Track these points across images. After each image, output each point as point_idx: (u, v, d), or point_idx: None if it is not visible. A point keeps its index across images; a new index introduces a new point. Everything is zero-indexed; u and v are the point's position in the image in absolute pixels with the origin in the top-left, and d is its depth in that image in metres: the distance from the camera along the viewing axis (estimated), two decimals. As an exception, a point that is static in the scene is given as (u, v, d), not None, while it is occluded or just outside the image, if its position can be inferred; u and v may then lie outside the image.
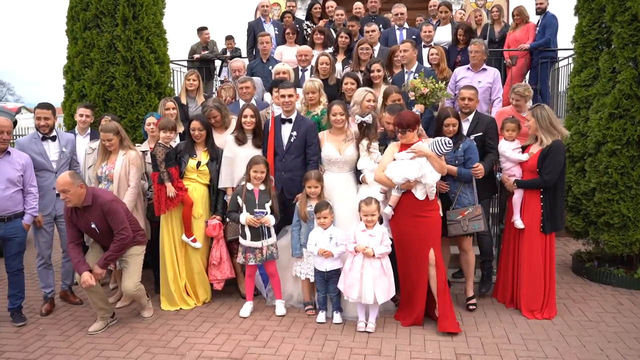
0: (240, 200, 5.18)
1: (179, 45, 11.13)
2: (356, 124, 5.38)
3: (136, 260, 5.16)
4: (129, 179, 5.50)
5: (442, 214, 5.00)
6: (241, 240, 5.23)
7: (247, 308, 5.36)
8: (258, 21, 9.29)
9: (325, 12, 10.14)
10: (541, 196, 5.23)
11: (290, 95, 5.54)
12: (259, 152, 5.65)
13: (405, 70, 6.77)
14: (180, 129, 6.19)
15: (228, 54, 10.52)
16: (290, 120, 5.63)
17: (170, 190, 5.35)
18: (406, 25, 8.73)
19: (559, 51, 9.31)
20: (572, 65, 8.30)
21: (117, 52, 6.85)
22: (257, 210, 5.08)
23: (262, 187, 5.22)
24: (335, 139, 5.47)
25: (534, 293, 5.28)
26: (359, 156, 5.38)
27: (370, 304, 4.85)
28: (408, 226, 4.86)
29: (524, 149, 5.42)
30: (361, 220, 4.95)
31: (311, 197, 5.25)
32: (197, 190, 5.60)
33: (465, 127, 5.60)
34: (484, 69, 7.01)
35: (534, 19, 9.48)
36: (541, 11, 9.24)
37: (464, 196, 5.23)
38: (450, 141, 4.77)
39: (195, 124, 5.51)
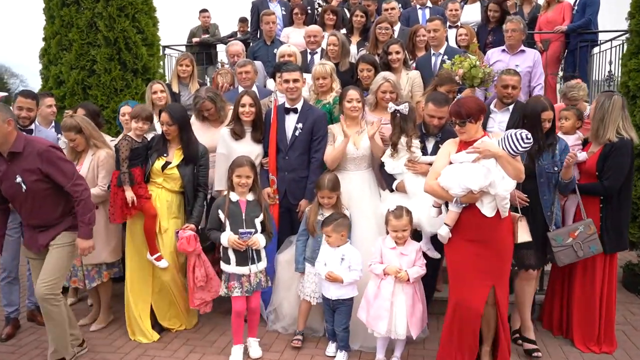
0: (222, 215, 4.07)
1: (180, 29, 10.28)
2: (389, 113, 4.44)
3: (59, 254, 3.84)
4: (98, 184, 4.60)
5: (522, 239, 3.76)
6: (223, 265, 4.14)
7: (236, 354, 4.18)
8: (263, 0, 8.34)
9: None
10: (600, 206, 4.27)
11: (295, 80, 4.63)
12: (258, 147, 4.77)
13: (433, 52, 5.81)
14: None
15: (239, 37, 9.56)
16: (295, 110, 4.71)
17: (129, 195, 4.36)
18: (429, 4, 7.77)
19: (600, 33, 8.26)
20: (621, 48, 7.41)
21: (99, 32, 5.96)
22: (242, 230, 3.99)
23: (249, 197, 4.14)
24: (350, 131, 4.53)
25: (589, 322, 4.35)
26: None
27: (402, 339, 3.93)
28: (469, 253, 3.60)
29: (584, 145, 4.49)
30: (388, 234, 3.99)
31: (325, 207, 4.34)
32: (161, 198, 4.50)
33: (504, 119, 4.68)
34: (522, 51, 6.01)
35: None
36: (579, -12, 8.20)
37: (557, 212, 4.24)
38: (529, 135, 3.43)
39: (163, 116, 4.49)
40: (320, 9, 8.24)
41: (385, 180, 4.47)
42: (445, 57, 5.65)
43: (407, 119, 4.31)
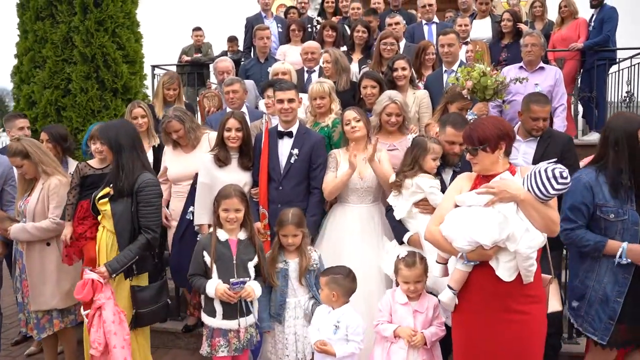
0: (207, 258, 3.30)
1: (172, 49, 9.81)
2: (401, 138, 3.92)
3: None
4: (49, 216, 3.96)
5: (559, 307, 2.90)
6: (206, 318, 3.33)
7: None
8: (258, 16, 7.82)
9: (340, 10, 8.63)
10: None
11: (290, 100, 4.04)
12: (246, 175, 4.16)
13: (445, 69, 5.25)
14: (155, 141, 4.77)
15: (230, 56, 9.01)
16: (290, 134, 4.11)
17: (65, 232, 3.72)
18: (436, 19, 7.23)
19: (618, 51, 7.73)
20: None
21: (75, 47, 5.43)
22: (234, 280, 3.21)
23: (241, 236, 3.37)
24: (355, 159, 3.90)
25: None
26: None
27: None
28: (483, 330, 2.67)
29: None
30: (398, 285, 3.28)
31: (288, 249, 3.50)
32: (102, 239, 3.46)
33: (529, 151, 4.03)
34: (542, 68, 5.46)
35: (584, 14, 7.96)
36: (597, 3, 7.69)
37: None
38: (566, 173, 2.48)
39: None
40: (319, 26, 7.73)
41: (395, 230, 3.72)
42: (459, 74, 5.09)
43: (420, 149, 3.60)
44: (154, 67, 8.43)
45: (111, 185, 3.36)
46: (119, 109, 5.49)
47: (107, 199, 3.38)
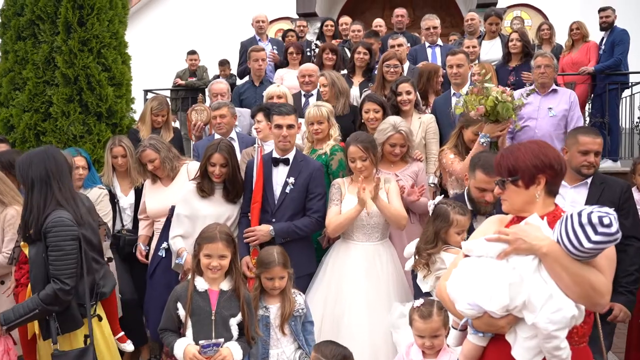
0: (181, 311, 2.78)
1: (167, 73, 9.49)
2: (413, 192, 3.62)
3: None
4: (2, 250, 3.55)
5: None
6: None
7: None
8: (252, 40, 7.50)
9: (339, 34, 8.30)
10: None
11: (290, 126, 3.62)
12: (230, 208, 3.76)
13: (453, 91, 4.88)
14: (139, 180, 4.39)
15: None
16: (286, 162, 3.72)
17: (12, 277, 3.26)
18: (440, 42, 6.91)
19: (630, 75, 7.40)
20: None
21: (57, 68, 5.08)
22: (205, 343, 2.64)
23: (224, 286, 2.84)
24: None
25: None
26: None
27: None
28: None
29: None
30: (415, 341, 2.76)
31: (270, 293, 3.06)
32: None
33: (579, 198, 3.42)
34: (554, 90, 5.09)
35: (595, 37, 7.67)
36: (607, 26, 7.40)
37: None
38: (610, 219, 1.78)
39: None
40: (316, 49, 7.40)
41: (416, 290, 3.24)
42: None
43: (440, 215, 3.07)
44: (146, 91, 8.11)
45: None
46: (103, 134, 5.11)
47: (24, 243, 2.89)
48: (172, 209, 3.79)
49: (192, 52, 9.16)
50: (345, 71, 6.06)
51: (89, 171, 4.09)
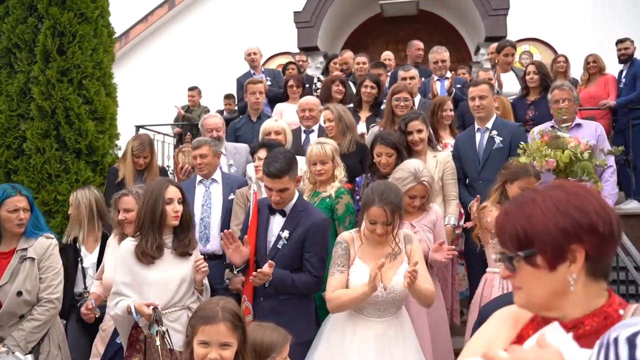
0: None
1: (163, 109, 9.09)
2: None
3: None
4: None
5: None
6: None
7: None
8: (247, 74, 7.06)
9: (343, 70, 7.83)
10: None
11: (282, 190, 3.01)
12: (187, 267, 2.94)
13: (477, 127, 4.38)
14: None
15: (226, 115, 8.21)
16: (283, 213, 3.15)
17: None
18: (449, 75, 6.47)
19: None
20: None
21: (33, 100, 4.61)
22: None
23: None
24: (374, 256, 2.82)
25: None
26: None
27: None
28: None
29: None
30: None
31: None
32: None
33: None
34: (578, 125, 4.60)
35: (611, 69, 7.26)
36: (627, 58, 7.00)
37: None
38: None
39: None
40: (319, 83, 6.95)
41: None
42: (495, 132, 4.22)
43: None
44: (138, 127, 7.65)
45: None
46: (81, 173, 4.59)
47: None
48: None
49: (194, 88, 8.78)
50: (351, 105, 5.59)
51: (31, 214, 3.21)
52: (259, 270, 2.91)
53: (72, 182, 4.55)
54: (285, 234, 3.05)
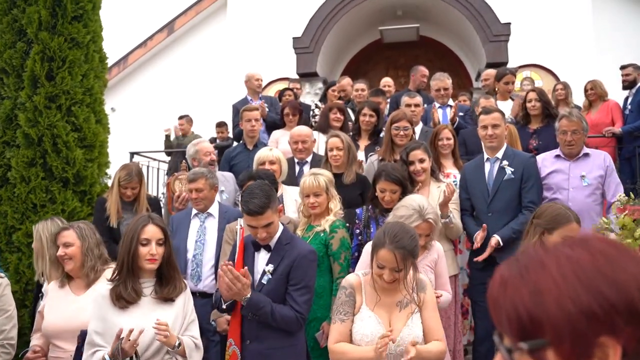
0: None
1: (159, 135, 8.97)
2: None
3: None
4: None
5: None
6: None
7: None
8: (244, 100, 6.91)
9: (341, 97, 7.67)
10: None
11: (267, 226, 2.80)
12: (171, 312, 2.63)
13: (487, 156, 4.19)
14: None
15: (218, 143, 8.05)
16: (268, 247, 2.94)
17: None
18: (451, 102, 6.33)
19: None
20: None
21: (19, 127, 4.45)
22: None
23: None
24: (384, 305, 2.59)
25: None
26: None
27: None
28: None
29: None
30: None
31: None
32: None
33: None
34: (586, 154, 4.42)
35: (615, 95, 7.14)
36: (629, 84, 6.88)
37: None
38: None
39: None
40: (317, 110, 6.80)
41: None
42: (506, 163, 4.02)
43: None
44: (132, 154, 7.50)
45: None
46: (68, 203, 4.41)
47: None
48: (83, 334, 2.63)
49: (182, 117, 8.69)
50: (350, 133, 5.43)
51: None
52: (240, 271, 2.68)
53: (58, 212, 4.35)
54: (270, 267, 2.84)
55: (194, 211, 3.89)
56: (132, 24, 11.39)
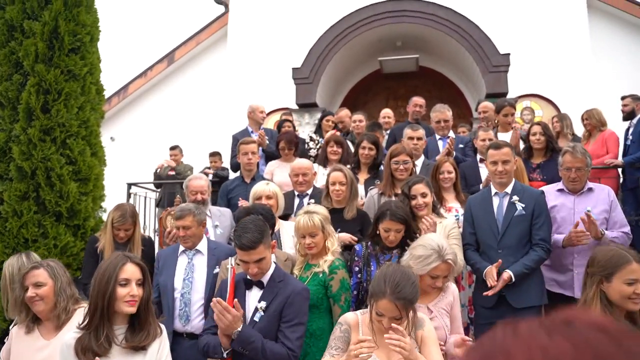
0: None
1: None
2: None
3: None
4: None
5: None
6: None
7: None
8: (244, 131, 6.85)
9: (339, 128, 7.58)
10: None
11: (259, 261, 2.75)
12: None
13: (495, 191, 4.07)
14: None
15: (210, 176, 7.93)
16: (260, 284, 2.87)
17: None
18: (451, 134, 6.27)
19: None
20: None
21: (12, 160, 4.38)
22: None
23: None
24: (380, 343, 2.44)
25: None
26: None
27: None
28: None
29: None
30: None
31: None
32: None
33: None
34: (590, 189, 4.32)
35: (618, 125, 7.09)
36: (627, 115, 6.85)
37: None
38: None
39: None
40: (312, 143, 6.71)
41: None
42: (516, 198, 3.92)
43: None
44: (130, 184, 7.41)
45: None
46: (61, 238, 4.30)
47: None
48: None
49: (174, 147, 8.65)
50: (349, 166, 5.35)
51: None
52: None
53: (50, 247, 4.26)
54: (262, 304, 2.76)
55: (182, 247, 3.75)
56: (133, 53, 11.48)
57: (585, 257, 4.07)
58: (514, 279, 3.71)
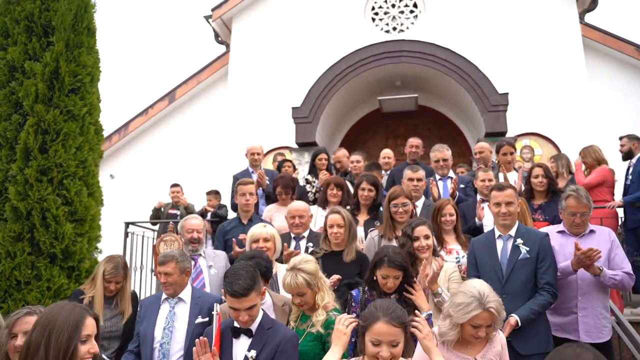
0: None
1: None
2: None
3: None
4: None
5: None
6: None
7: None
8: (244, 172, 6.83)
9: (331, 166, 7.45)
10: None
11: (250, 308, 2.73)
12: None
13: (499, 233, 3.99)
14: None
15: (209, 215, 7.89)
16: (249, 332, 2.80)
17: None
18: (451, 174, 6.23)
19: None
20: None
21: (8, 201, 4.34)
22: None
23: None
24: None
25: None
26: None
27: None
28: None
29: None
30: None
31: None
32: None
33: None
34: (592, 231, 4.25)
35: (616, 163, 7.08)
36: (624, 155, 6.85)
37: None
38: None
39: None
40: (309, 186, 6.65)
41: None
42: (520, 241, 3.85)
43: None
44: (127, 224, 7.35)
45: None
46: (54, 280, 4.23)
47: None
48: None
49: (174, 185, 8.62)
50: (348, 207, 5.29)
51: None
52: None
53: (43, 289, 4.18)
54: (252, 353, 2.69)
55: (164, 295, 3.60)
56: (135, 92, 11.58)
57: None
58: (519, 324, 3.63)
